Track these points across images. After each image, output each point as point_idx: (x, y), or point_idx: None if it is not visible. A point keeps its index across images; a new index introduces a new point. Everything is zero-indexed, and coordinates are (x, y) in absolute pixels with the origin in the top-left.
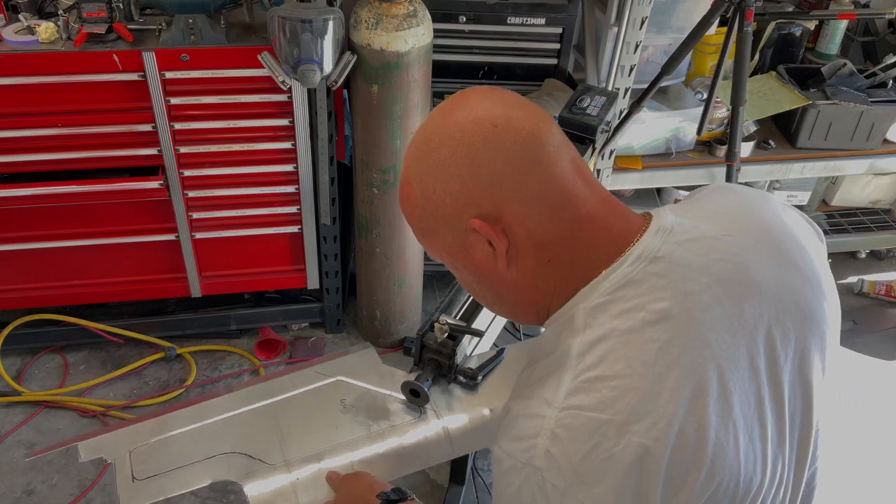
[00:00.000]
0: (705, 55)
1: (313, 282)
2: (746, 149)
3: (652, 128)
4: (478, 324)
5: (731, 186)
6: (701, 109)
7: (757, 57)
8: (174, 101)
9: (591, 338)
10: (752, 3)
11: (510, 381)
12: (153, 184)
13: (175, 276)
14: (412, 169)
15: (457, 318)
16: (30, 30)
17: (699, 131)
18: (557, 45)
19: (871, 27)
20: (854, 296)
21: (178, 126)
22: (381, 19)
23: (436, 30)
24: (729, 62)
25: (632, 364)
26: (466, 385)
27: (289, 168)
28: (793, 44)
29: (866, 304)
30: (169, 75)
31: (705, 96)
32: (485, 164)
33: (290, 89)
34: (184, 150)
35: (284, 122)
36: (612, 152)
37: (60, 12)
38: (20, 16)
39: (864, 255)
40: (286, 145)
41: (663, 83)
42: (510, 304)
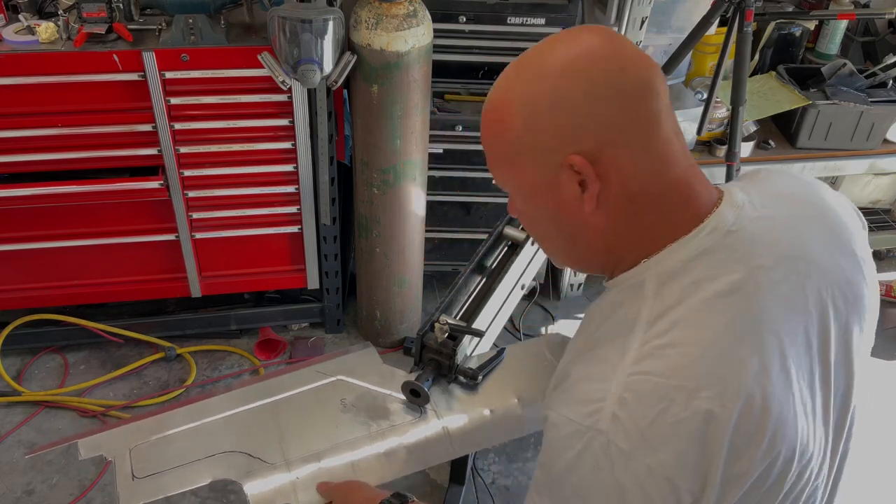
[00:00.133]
0: (705, 55)
1: (313, 282)
2: (746, 149)
3: None
4: (478, 324)
5: (787, 171)
6: (701, 109)
7: (757, 57)
8: (174, 101)
9: (661, 305)
10: (752, 3)
11: (510, 382)
12: (153, 184)
13: (175, 276)
14: (517, 91)
15: (457, 318)
16: (30, 30)
17: (699, 131)
18: None
19: (871, 27)
20: None
21: (178, 126)
22: (381, 19)
23: (436, 30)
24: (729, 62)
25: (703, 333)
26: (466, 385)
27: (289, 168)
28: (793, 44)
29: None
30: (169, 75)
31: (705, 96)
32: (603, 102)
33: (290, 89)
34: (184, 150)
35: (284, 122)
36: None
37: (60, 12)
38: (20, 16)
39: None
40: (286, 145)
41: None
42: (581, 249)
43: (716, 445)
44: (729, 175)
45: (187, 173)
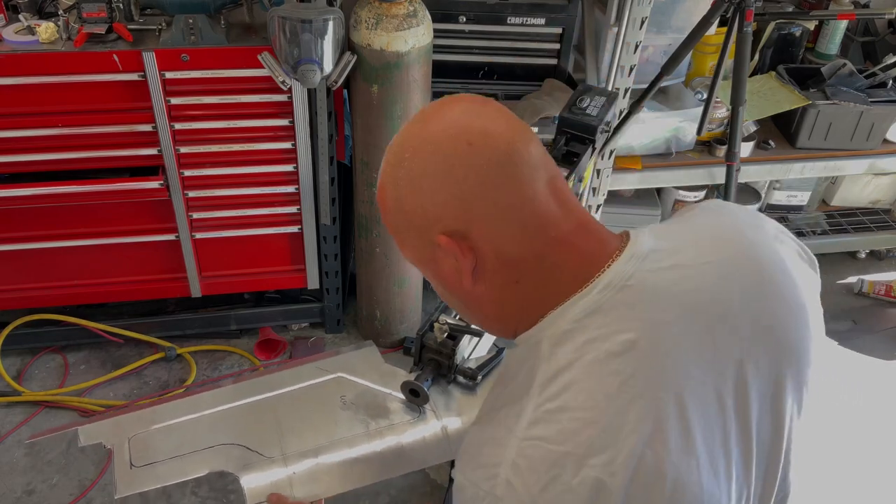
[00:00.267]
0: (705, 55)
1: (313, 282)
2: (746, 149)
3: (652, 128)
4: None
5: (723, 206)
6: (701, 109)
7: (757, 57)
8: (174, 101)
9: (554, 367)
10: (752, 3)
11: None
12: (153, 184)
13: (175, 276)
14: (386, 175)
15: (457, 318)
16: (30, 30)
17: (699, 131)
18: (557, 45)
19: (871, 27)
20: (854, 296)
21: (178, 126)
22: (381, 19)
23: (436, 30)
24: (729, 62)
25: (593, 396)
26: (466, 385)
27: (289, 168)
28: (793, 44)
29: (866, 304)
30: (169, 75)
31: (705, 96)
32: (456, 180)
33: (290, 89)
34: (184, 150)
35: (284, 122)
36: (612, 152)
37: (60, 12)
38: (20, 16)
39: (864, 255)
40: (286, 145)
41: (663, 83)
42: (479, 317)
43: None
44: (729, 175)
45: (187, 173)
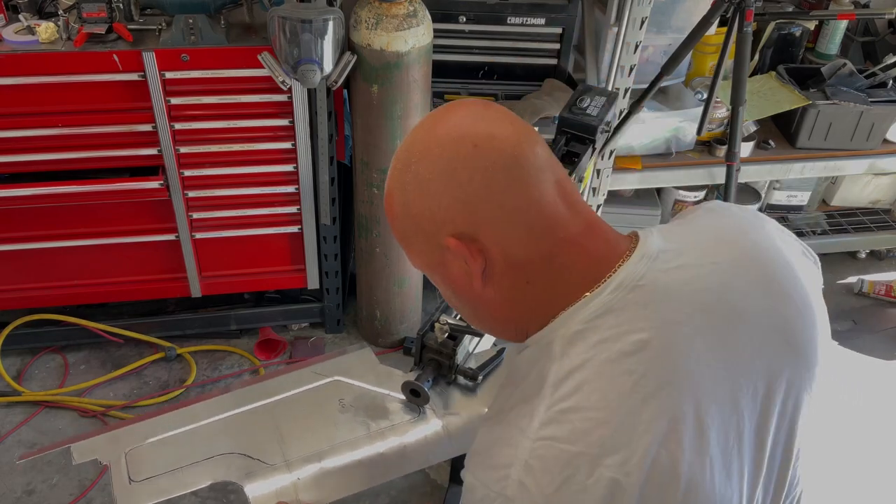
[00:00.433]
0: (705, 55)
1: (313, 282)
2: (746, 149)
3: (652, 128)
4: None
5: (725, 208)
6: (701, 109)
7: (757, 57)
8: (174, 101)
9: (567, 367)
10: (752, 3)
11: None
12: (153, 184)
13: (175, 276)
14: (394, 180)
15: (457, 318)
16: (30, 30)
17: (699, 131)
18: (557, 45)
19: (871, 27)
20: (854, 296)
21: (178, 126)
22: (381, 19)
23: (436, 30)
24: (729, 62)
25: (607, 396)
26: (466, 385)
27: (289, 168)
28: (793, 44)
29: (866, 304)
30: (169, 75)
31: (705, 96)
32: (462, 183)
33: (290, 89)
34: (184, 150)
35: (284, 122)
36: (612, 152)
37: (60, 12)
38: (20, 16)
39: (864, 255)
40: (286, 145)
41: (663, 83)
42: (488, 321)
43: None
44: (729, 175)
45: (187, 173)
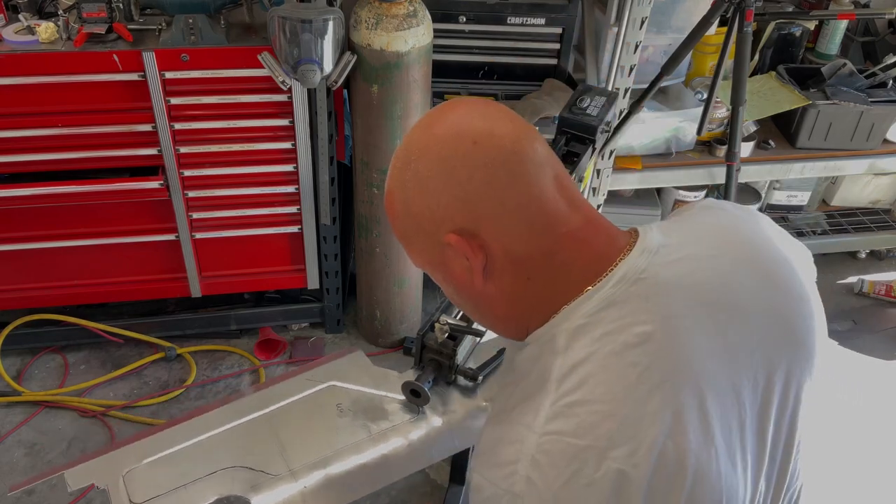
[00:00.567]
0: (705, 55)
1: (313, 282)
2: (746, 149)
3: (652, 128)
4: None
5: (720, 205)
6: (701, 109)
7: (757, 57)
8: (174, 101)
9: (571, 361)
10: (752, 3)
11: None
12: (153, 184)
13: (175, 276)
14: (394, 179)
15: (457, 318)
16: (30, 30)
17: (699, 131)
18: (557, 45)
19: (871, 27)
20: (854, 296)
21: (178, 126)
22: (381, 19)
23: (436, 30)
24: (729, 62)
25: (612, 389)
26: (466, 386)
27: (289, 168)
28: (793, 44)
29: (866, 304)
30: (169, 75)
31: (705, 96)
32: (462, 180)
33: (290, 89)
34: (184, 150)
35: (284, 122)
36: (612, 152)
37: (60, 12)
38: (20, 16)
39: (864, 255)
40: (286, 145)
41: (663, 83)
42: (490, 318)
43: None
44: (729, 175)
45: (187, 173)
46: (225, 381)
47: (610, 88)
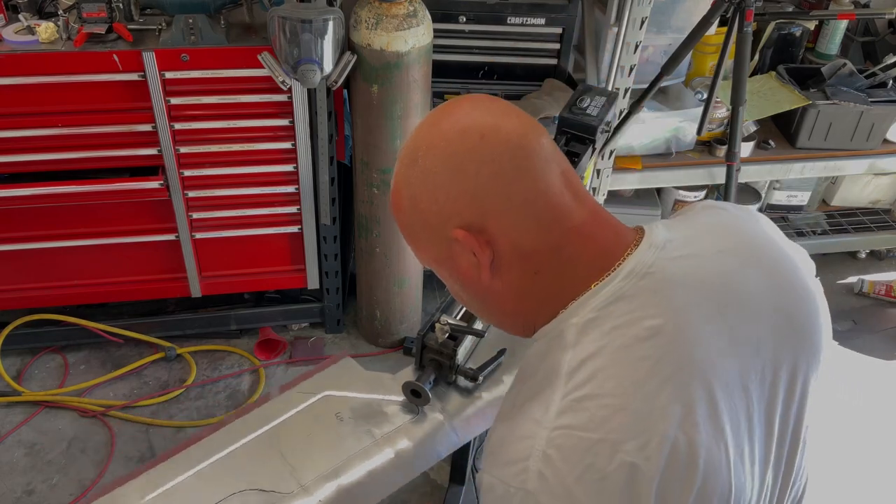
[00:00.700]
0: (705, 55)
1: (313, 282)
2: (746, 149)
3: (652, 128)
4: (479, 324)
5: (721, 205)
6: (701, 109)
7: (757, 57)
8: (174, 101)
9: (581, 355)
10: (752, 3)
11: (510, 382)
12: (153, 184)
13: (175, 276)
14: (400, 176)
15: (457, 318)
16: (30, 30)
17: (699, 131)
18: (557, 45)
19: (871, 27)
20: (854, 296)
21: (178, 126)
22: (381, 19)
23: (436, 30)
24: (729, 62)
25: (623, 382)
26: (466, 387)
27: (289, 168)
28: (793, 44)
29: (866, 304)
30: (169, 75)
31: (705, 96)
32: (469, 175)
33: (290, 89)
34: (184, 150)
35: (284, 122)
36: (612, 152)
37: (60, 12)
38: (20, 16)
39: (864, 255)
40: (286, 145)
41: (663, 83)
42: (497, 314)
43: (643, 499)
44: (729, 175)
45: (187, 173)
46: (225, 381)
47: (610, 88)
